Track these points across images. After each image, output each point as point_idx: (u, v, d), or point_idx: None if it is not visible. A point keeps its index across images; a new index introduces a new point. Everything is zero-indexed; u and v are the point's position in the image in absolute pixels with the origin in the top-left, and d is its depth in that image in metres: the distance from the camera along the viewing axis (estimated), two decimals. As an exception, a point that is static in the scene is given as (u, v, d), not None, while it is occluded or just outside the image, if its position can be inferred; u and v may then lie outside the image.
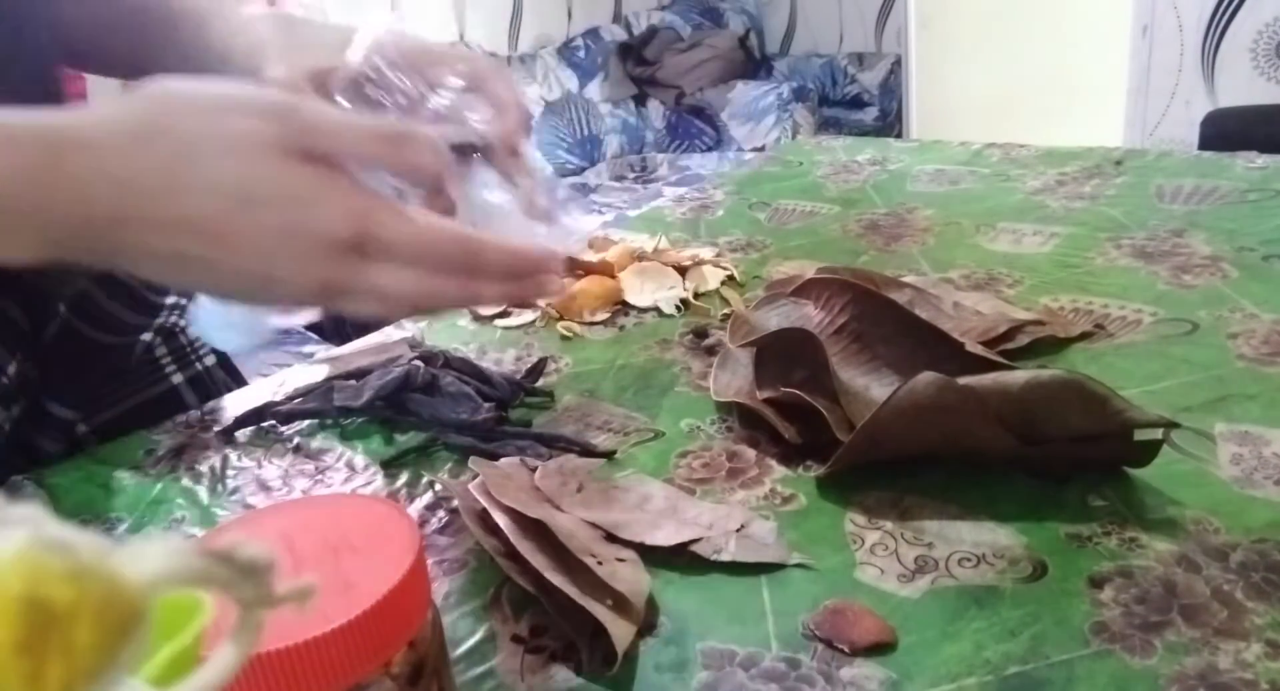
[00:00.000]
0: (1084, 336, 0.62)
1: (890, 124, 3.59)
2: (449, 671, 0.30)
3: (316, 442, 0.59)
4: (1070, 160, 1.00)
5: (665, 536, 0.45)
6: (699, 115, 3.48)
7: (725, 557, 0.44)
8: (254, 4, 0.64)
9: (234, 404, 0.65)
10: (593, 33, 3.55)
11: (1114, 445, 0.47)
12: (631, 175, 3.35)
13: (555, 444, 0.55)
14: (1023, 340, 0.60)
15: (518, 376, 0.64)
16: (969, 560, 0.42)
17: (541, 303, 0.68)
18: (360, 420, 0.61)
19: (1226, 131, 2.30)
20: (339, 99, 0.52)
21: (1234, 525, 0.43)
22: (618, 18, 3.71)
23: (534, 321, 0.74)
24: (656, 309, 0.74)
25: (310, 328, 1.89)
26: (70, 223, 0.36)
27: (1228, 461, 0.47)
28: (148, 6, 0.63)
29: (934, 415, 0.45)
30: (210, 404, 0.66)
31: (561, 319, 0.73)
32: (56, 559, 0.14)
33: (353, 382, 0.62)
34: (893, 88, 3.61)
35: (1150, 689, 0.35)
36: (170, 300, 0.69)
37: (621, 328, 0.72)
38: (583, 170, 3.33)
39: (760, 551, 0.44)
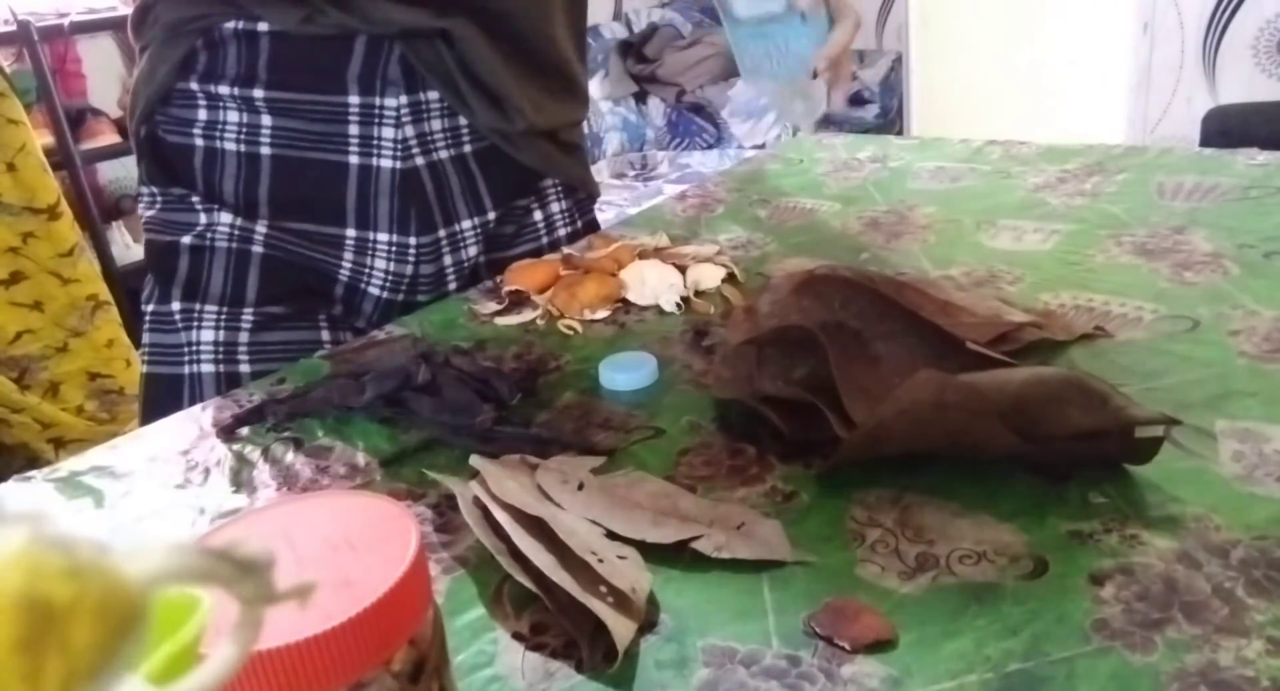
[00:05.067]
0: (1084, 335, 0.62)
1: (891, 121, 3.59)
2: (450, 669, 0.30)
3: (317, 440, 0.59)
4: (1071, 157, 1.00)
5: (666, 534, 0.45)
6: (699, 113, 3.48)
7: (726, 555, 0.44)
8: None
9: (234, 401, 0.65)
10: (593, 30, 3.55)
11: (1115, 442, 0.47)
12: (632, 173, 3.35)
13: (555, 442, 0.55)
14: (1020, 341, 0.60)
15: (517, 375, 0.64)
16: (970, 557, 0.42)
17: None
18: (361, 418, 0.61)
19: (1228, 128, 2.30)
20: None
21: (1235, 522, 0.43)
22: (618, 15, 3.71)
23: (534, 319, 0.74)
24: (657, 307, 0.74)
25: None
26: None
27: (1229, 458, 0.47)
28: None
29: (935, 413, 0.45)
30: (210, 401, 0.66)
31: (562, 317, 0.73)
32: (56, 557, 0.14)
33: (353, 381, 0.62)
34: (893, 85, 3.60)
35: (1151, 686, 0.35)
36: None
37: (622, 325, 0.72)
38: (583, 168, 3.34)
39: (761, 548, 0.44)
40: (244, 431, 0.61)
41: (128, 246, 2.74)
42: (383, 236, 0.79)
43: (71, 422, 1.64)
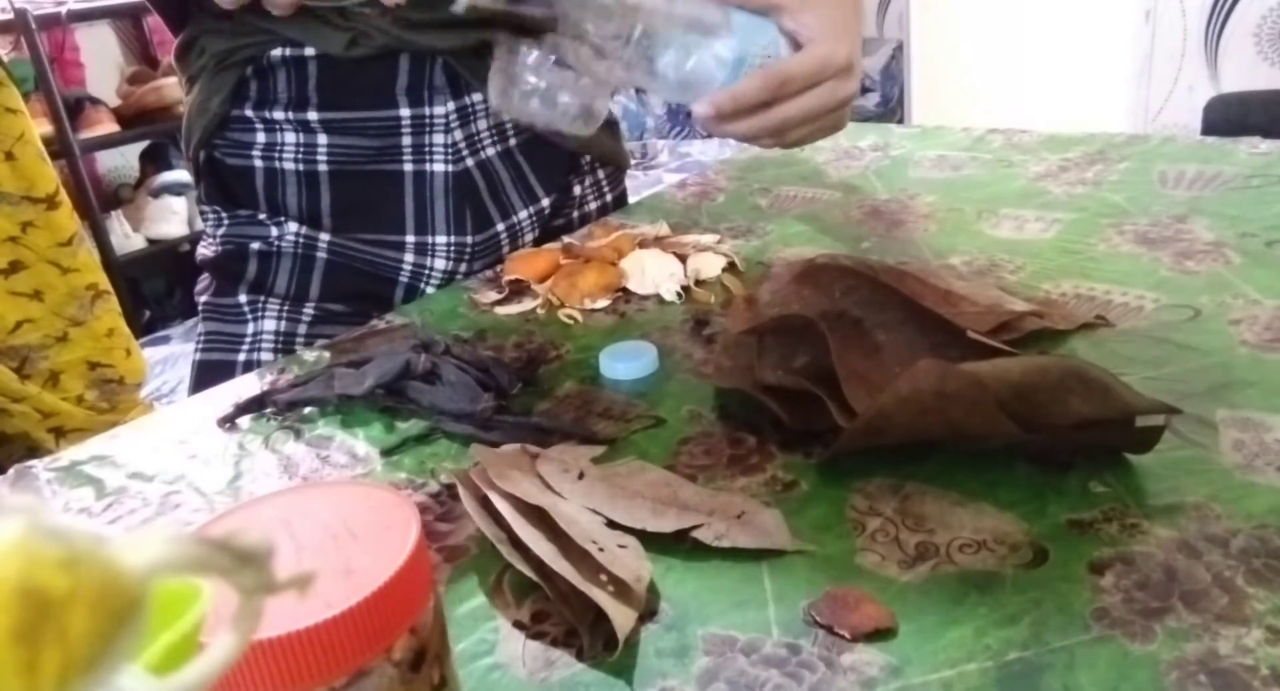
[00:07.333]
0: (1085, 324, 0.62)
1: (892, 110, 3.57)
2: (450, 657, 0.30)
3: (317, 430, 0.59)
4: (1073, 146, 0.99)
5: (666, 523, 0.45)
6: (700, 101, 3.47)
7: (726, 544, 0.44)
8: None
9: (235, 391, 0.65)
10: (593, 18, 3.54)
11: (1115, 431, 0.47)
12: (632, 162, 3.34)
13: (556, 431, 0.55)
14: (1021, 330, 0.60)
15: (518, 364, 0.64)
16: (970, 546, 0.42)
17: None
18: (361, 407, 0.61)
19: (1229, 117, 2.29)
20: None
21: (1235, 511, 0.43)
22: (618, 3, 3.70)
23: (535, 308, 0.74)
24: (657, 296, 0.74)
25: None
26: None
27: (1229, 447, 0.47)
28: None
29: (935, 402, 0.45)
30: (209, 390, 0.66)
31: (562, 306, 0.73)
32: (52, 546, 0.14)
33: (353, 370, 0.62)
34: (894, 73, 3.59)
35: (1151, 675, 0.35)
36: None
37: (623, 315, 0.72)
38: (583, 157, 3.33)
39: (761, 537, 0.44)
40: (245, 421, 0.61)
41: (126, 236, 2.73)
42: (440, 238, 0.82)
43: (71, 412, 1.64)
